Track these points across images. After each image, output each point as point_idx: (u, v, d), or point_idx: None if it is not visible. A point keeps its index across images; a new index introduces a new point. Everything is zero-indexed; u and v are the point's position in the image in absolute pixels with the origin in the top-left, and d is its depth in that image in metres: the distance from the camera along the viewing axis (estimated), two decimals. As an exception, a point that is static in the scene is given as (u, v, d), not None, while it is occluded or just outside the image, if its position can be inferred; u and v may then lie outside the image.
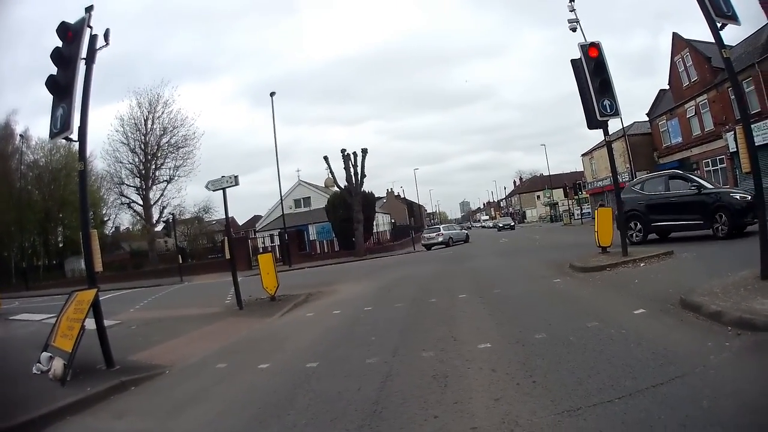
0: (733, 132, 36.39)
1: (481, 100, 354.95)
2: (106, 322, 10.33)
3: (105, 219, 68.62)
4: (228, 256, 18.36)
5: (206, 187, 17.97)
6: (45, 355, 9.34)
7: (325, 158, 51.01)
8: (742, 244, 15.73)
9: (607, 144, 18.10)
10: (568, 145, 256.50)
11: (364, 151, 50.96)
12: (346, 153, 50.20)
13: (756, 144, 11.39)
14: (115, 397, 8.09)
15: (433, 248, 49.97)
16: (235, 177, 17.50)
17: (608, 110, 16.11)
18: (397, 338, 9.58)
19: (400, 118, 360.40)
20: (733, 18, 9.99)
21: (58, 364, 8.79)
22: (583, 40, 17.01)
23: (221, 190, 17.72)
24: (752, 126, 30.94)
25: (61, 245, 65.05)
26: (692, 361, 6.01)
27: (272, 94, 51.06)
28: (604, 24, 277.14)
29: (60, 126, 10.05)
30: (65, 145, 49.81)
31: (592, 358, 6.64)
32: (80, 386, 8.20)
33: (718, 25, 9.75)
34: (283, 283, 18.88)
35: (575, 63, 16.86)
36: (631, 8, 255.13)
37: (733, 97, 36.75)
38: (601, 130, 17.13)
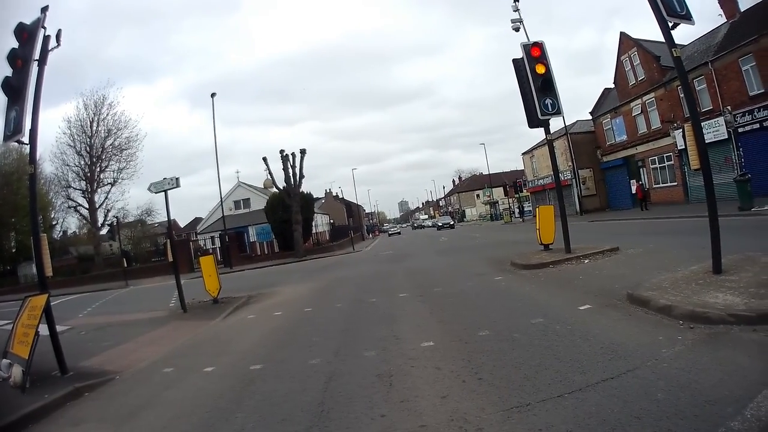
0: (681, 129, 36.92)
1: (420, 99, 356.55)
2: (58, 328, 10.24)
3: (53, 223, 67.03)
4: (170, 259, 18.18)
5: (148, 189, 17.79)
6: (5, 362, 9.18)
7: (264, 159, 50.38)
8: (690, 238, 16.04)
9: (549, 142, 18.17)
10: (508, 143, 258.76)
11: (303, 152, 50.62)
12: (284, 154, 49.95)
13: (706, 141, 11.54)
14: (71, 404, 7.99)
15: (392, 235, 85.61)
16: (177, 179, 17.38)
17: (550, 109, 16.18)
18: (340, 338, 9.60)
19: (338, 119, 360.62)
20: (687, 17, 10.01)
21: (17, 372, 8.66)
22: (526, 40, 17.08)
23: (163, 192, 17.59)
24: (703, 123, 31.89)
25: (14, 251, 63.31)
26: (643, 355, 6.05)
27: (213, 94, 51.09)
28: (551, 21, 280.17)
29: (12, 129, 9.89)
30: (17, 148, 52.52)
31: (538, 355, 6.70)
32: (39, 393, 8.12)
33: (670, 24, 9.77)
34: (224, 285, 18.80)
35: (517, 62, 17.00)
36: (580, 4, 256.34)
37: (682, 95, 37.43)
38: (543, 128, 17.16)
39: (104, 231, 61.35)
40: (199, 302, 18.28)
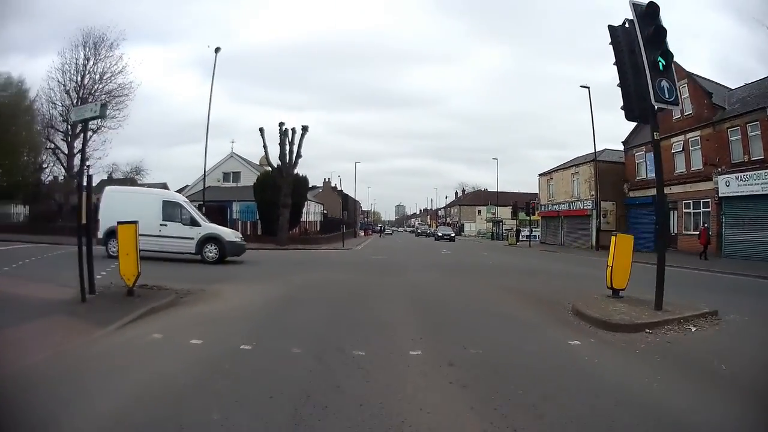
0: (725, 175, 36.13)
1: (428, 106, 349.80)
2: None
3: (44, 166, 61.90)
4: (82, 220, 12.94)
5: (69, 116, 13.21)
6: None
7: (261, 130, 45.72)
8: None
9: (655, 144, 12.75)
10: (507, 166, 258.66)
11: (305, 129, 46.28)
12: (284, 128, 45.51)
13: (754, 193, 8.07)
14: None
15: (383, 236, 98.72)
16: (101, 105, 12.85)
17: (666, 95, 11.34)
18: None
19: (344, 112, 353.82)
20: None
21: None
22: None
23: (83, 123, 13.24)
24: (752, 173, 35.44)
25: None
26: None
27: (217, 49, 46.83)
28: (572, 50, 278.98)
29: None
30: (18, 83, 52.52)
31: None
32: None
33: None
34: (170, 269, 16.80)
35: (615, 30, 12.07)
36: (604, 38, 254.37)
37: (732, 138, 36.42)
38: (643, 122, 13.80)
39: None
40: (117, 286, 13.01)
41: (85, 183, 12.92)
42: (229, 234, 25.88)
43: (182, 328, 9.59)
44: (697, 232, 37.16)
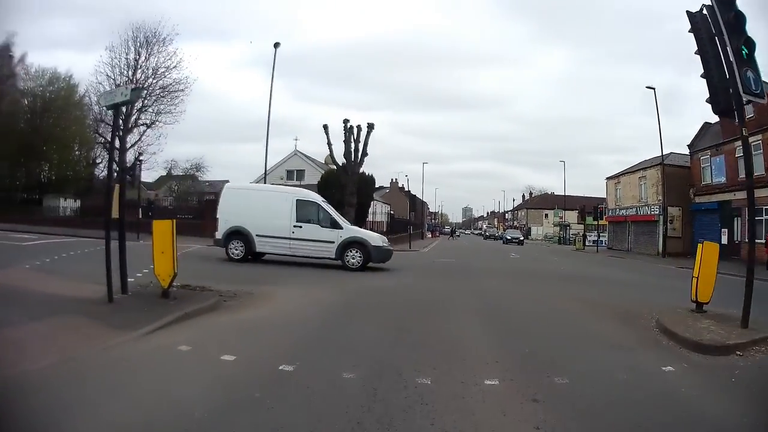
0: None
1: (493, 109, 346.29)
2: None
3: (97, 161, 62.42)
4: (114, 215, 11.82)
5: (98, 102, 12.26)
6: None
7: (325, 127, 43.98)
8: None
9: (743, 140, 12.31)
10: (571, 170, 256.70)
11: (370, 126, 44.27)
12: (348, 125, 43.69)
13: None
14: None
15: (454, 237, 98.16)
16: (132, 89, 12.37)
17: (753, 87, 10.15)
18: None
19: (409, 113, 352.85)
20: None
21: None
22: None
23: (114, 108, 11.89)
24: None
25: (44, 181, 60.09)
26: None
27: (276, 44, 45.21)
28: (633, 53, 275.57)
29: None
30: (66, 77, 55.35)
31: None
32: None
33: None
34: (220, 267, 16.60)
35: (694, 17, 10.86)
36: (665, 43, 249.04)
37: None
38: (723, 116, 12.51)
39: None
40: (156, 286, 11.75)
41: (113, 176, 12.07)
42: (375, 238, 23.46)
43: (215, 339, 8.36)
44: (763, 240, 34.70)
